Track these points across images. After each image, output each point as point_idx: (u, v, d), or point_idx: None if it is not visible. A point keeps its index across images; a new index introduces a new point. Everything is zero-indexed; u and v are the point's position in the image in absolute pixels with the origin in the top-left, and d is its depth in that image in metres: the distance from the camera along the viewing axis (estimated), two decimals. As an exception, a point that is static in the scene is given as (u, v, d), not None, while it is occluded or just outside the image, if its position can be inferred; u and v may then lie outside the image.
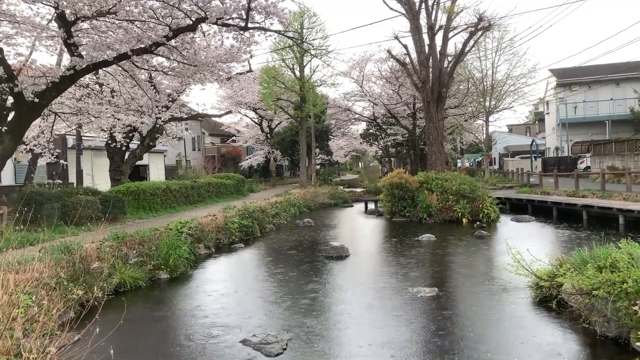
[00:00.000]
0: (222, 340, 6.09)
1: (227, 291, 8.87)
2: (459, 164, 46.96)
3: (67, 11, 9.06)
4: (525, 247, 7.85)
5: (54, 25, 9.88)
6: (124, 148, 17.84)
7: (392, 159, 48.89)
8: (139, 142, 19.60)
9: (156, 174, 29.38)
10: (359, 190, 31.36)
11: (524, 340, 5.83)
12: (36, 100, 9.83)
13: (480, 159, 44.30)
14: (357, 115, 39.17)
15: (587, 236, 12.72)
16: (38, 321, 5.42)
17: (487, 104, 29.37)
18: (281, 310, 7.32)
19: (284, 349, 5.63)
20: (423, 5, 21.29)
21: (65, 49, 10.47)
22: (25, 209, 10.24)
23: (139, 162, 21.95)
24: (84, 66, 9.90)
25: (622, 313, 5.23)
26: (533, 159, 36.10)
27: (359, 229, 17.63)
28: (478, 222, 16.14)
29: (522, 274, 7.23)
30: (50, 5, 9.07)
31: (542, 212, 18.37)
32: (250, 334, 6.13)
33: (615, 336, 5.51)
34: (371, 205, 22.99)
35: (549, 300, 6.78)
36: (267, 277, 9.84)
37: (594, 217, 15.95)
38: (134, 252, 9.42)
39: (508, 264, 7.52)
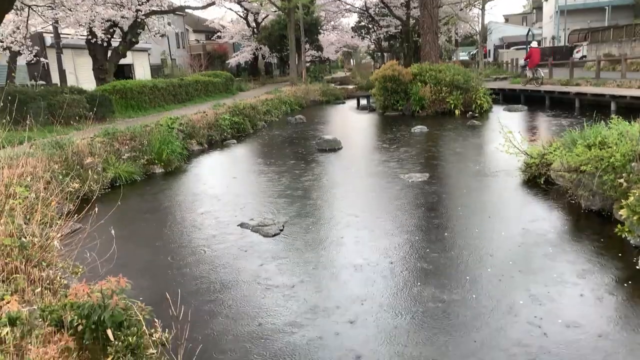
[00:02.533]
0: (220, 225, 6.28)
1: (222, 182, 9.01)
2: (453, 58, 45.79)
3: None
4: (517, 132, 7.89)
5: None
6: (105, 44, 17.08)
7: (385, 54, 47.48)
8: (120, 39, 18.76)
9: (141, 73, 28.51)
10: (351, 87, 30.74)
11: (512, 215, 6.07)
12: (5, -11, 9.21)
13: (475, 51, 43.12)
14: (348, 6, 37.32)
15: (578, 122, 12.79)
16: (37, 210, 5.52)
17: (484, -10, 27.96)
18: (277, 198, 7.48)
19: (281, 230, 5.83)
20: None
21: None
22: (11, 110, 9.99)
23: (123, 61, 21.21)
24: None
25: (608, 186, 5.38)
26: (528, 49, 35.16)
27: (352, 124, 17.59)
28: (470, 113, 16.09)
29: (513, 152, 7.34)
30: None
31: (534, 101, 18.28)
32: (247, 218, 6.31)
33: (599, 209, 5.72)
34: (363, 101, 22.71)
35: (538, 178, 6.95)
36: (261, 169, 9.95)
37: (586, 105, 15.90)
38: (126, 147, 9.40)
39: (499, 144, 7.60)
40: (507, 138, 7.24)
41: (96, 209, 4.38)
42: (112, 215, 5.23)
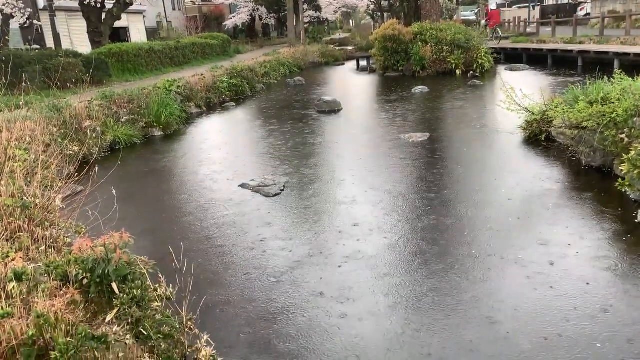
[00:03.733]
0: (221, 185, 6.30)
1: (221, 144, 8.97)
2: (455, 17, 44.81)
3: None
4: (518, 89, 7.79)
5: None
6: (99, 6, 16.68)
7: (385, 14, 46.44)
8: (115, 1, 18.31)
9: (137, 36, 27.93)
10: (350, 48, 30.20)
11: (512, 173, 6.07)
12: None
13: (477, 10, 42.15)
14: (347, -36, 36.24)
15: (581, 80, 12.62)
16: (37, 173, 5.51)
17: (487, -55, 27.07)
18: (277, 159, 7.47)
19: (282, 190, 5.85)
20: None
21: None
22: (6, 74, 9.85)
23: (118, 24, 20.73)
24: None
25: (609, 142, 5.35)
26: (531, 7, 34.36)
27: (351, 85, 17.39)
28: (472, 73, 15.88)
29: (514, 110, 7.28)
30: None
31: (537, 60, 17.99)
32: (248, 179, 6.32)
33: (600, 165, 5.72)
34: (363, 62, 22.38)
35: (539, 135, 6.92)
36: (260, 131, 9.89)
37: (589, 63, 15.62)
38: (124, 110, 9.32)
39: (500, 101, 7.53)
40: (508, 95, 7.16)
41: (96, 168, 4.38)
42: (112, 176, 5.23)
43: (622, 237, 4.10)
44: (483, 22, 25.47)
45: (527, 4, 35.08)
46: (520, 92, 7.45)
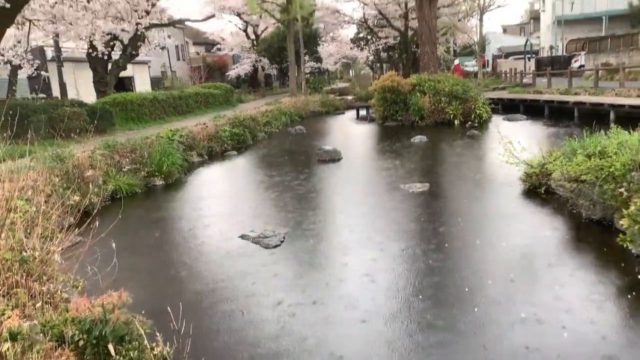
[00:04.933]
0: (221, 236, 6.27)
1: (222, 194, 9.01)
2: (451, 67, 45.99)
3: None
4: (516, 141, 7.90)
5: None
6: (105, 57, 17.18)
7: (384, 64, 47.72)
8: (121, 52, 18.86)
9: (142, 85, 28.60)
10: (350, 97, 30.84)
11: (513, 226, 6.05)
12: (7, 5, 9.26)
13: (473, 61, 43.33)
14: (346, 18, 37.54)
15: (578, 131, 12.82)
16: (37, 224, 5.51)
17: (481, 1, 28.19)
18: (277, 209, 7.48)
19: (282, 242, 5.82)
20: None
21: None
22: (12, 123, 10.03)
23: (123, 74, 21.27)
24: (53, -35, 9.25)
25: (608, 195, 5.38)
26: (527, 59, 35.36)
27: (352, 134, 17.63)
28: (470, 123, 16.13)
29: (513, 162, 7.35)
30: None
31: (534, 111, 18.31)
32: (248, 230, 6.30)
33: (600, 218, 5.72)
34: (363, 112, 22.78)
35: (538, 188, 6.95)
36: (261, 180, 9.95)
37: (585, 114, 15.92)
38: (127, 160, 9.41)
39: (499, 154, 7.61)
40: (507, 148, 7.25)
41: (97, 222, 4.36)
42: (112, 228, 5.22)
43: (626, 294, 4.05)
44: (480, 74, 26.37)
45: (523, 56, 36.12)
46: (518, 144, 7.55)
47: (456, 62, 25.03)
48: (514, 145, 7.37)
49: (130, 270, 5.14)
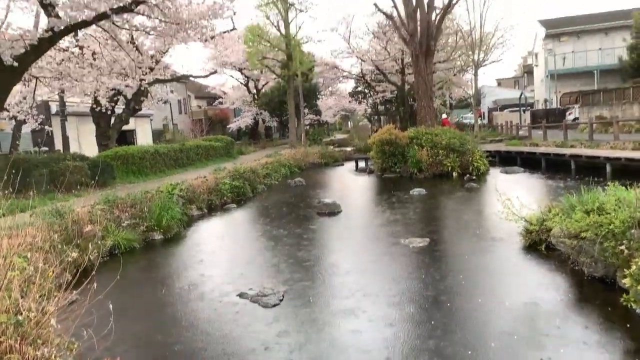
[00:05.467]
0: (219, 295, 6.18)
1: (221, 249, 8.95)
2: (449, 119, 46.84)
3: (41, -31, 8.70)
4: (515, 196, 7.94)
5: (28, -16, 9.50)
6: (109, 112, 17.53)
7: (382, 117, 48.64)
8: (124, 106, 19.27)
9: (143, 138, 29.04)
10: (349, 149, 31.28)
11: (514, 284, 5.99)
12: (15, 64, 9.55)
13: (469, 113, 44.19)
14: (345, 73, 38.62)
15: (575, 185, 12.91)
16: (34, 283, 5.45)
17: (476, 57, 29.09)
18: (276, 266, 7.42)
19: (281, 300, 5.74)
20: (409, -44, 20.68)
21: (42, 10, 10.12)
22: (13, 177, 10.12)
23: (125, 127, 21.65)
24: (62, 27, 9.59)
25: (609, 253, 5.36)
26: (522, 111, 36.11)
27: (351, 186, 17.72)
28: (468, 175, 16.26)
29: (512, 219, 7.36)
30: (22, -37, 8.69)
31: (531, 163, 18.52)
32: (246, 287, 6.23)
33: (602, 276, 5.67)
34: (362, 164, 23.01)
35: (538, 244, 6.93)
36: (260, 234, 9.92)
37: (582, 167, 16.10)
38: (126, 214, 9.41)
39: (498, 211, 7.63)
40: (506, 205, 7.28)
41: (95, 284, 4.32)
42: (109, 285, 5.16)
43: (634, 357, 3.96)
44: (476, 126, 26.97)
45: (518, 108, 36.91)
46: (517, 199, 7.59)
47: (444, 116, 25.85)
48: (513, 201, 7.40)
49: (126, 333, 5.04)
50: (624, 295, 4.82)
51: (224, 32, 16.97)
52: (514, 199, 7.63)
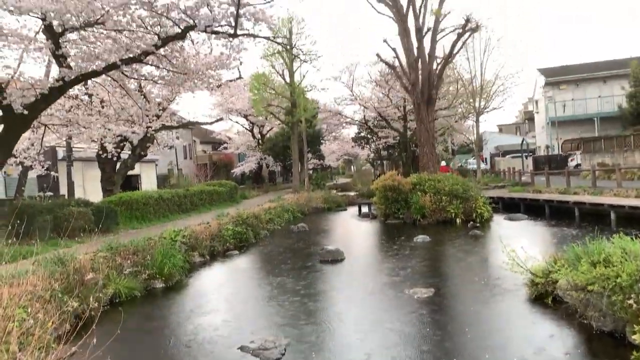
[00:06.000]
0: (220, 347, 6.07)
1: (222, 298, 8.84)
2: (451, 165, 47.13)
3: (55, 22, 9.02)
4: (520, 245, 7.88)
5: (41, 37, 9.81)
6: (115, 158, 17.74)
7: (384, 161, 49.01)
8: (130, 152, 19.51)
9: (148, 183, 29.22)
10: (352, 193, 31.35)
11: (522, 337, 5.86)
12: (25, 112, 9.76)
13: (472, 159, 44.51)
14: (348, 119, 39.24)
15: (580, 233, 12.81)
16: (34, 334, 5.37)
17: (477, 104, 29.58)
18: (278, 316, 7.30)
19: (282, 354, 5.62)
20: (411, 9, 21.43)
21: (54, 61, 10.42)
22: (17, 222, 10.16)
23: (130, 172, 21.82)
24: (72, 77, 9.84)
25: (618, 307, 5.27)
26: (524, 157, 36.34)
27: (354, 232, 17.65)
28: (472, 222, 16.19)
29: (517, 271, 7.27)
30: (37, 17, 9.02)
31: (534, 210, 18.48)
32: (248, 340, 6.11)
33: (612, 330, 5.55)
34: (365, 209, 23.01)
35: (545, 297, 6.82)
36: (262, 283, 9.81)
37: (586, 214, 16.05)
38: (128, 262, 9.36)
39: (503, 262, 7.56)
40: (511, 257, 7.22)
41: (95, 338, 4.26)
42: (110, 335, 5.08)
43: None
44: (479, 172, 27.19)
45: (520, 154, 37.16)
46: (521, 249, 7.52)
47: (443, 163, 26.23)
48: (517, 251, 7.33)
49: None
50: (634, 352, 4.70)
51: (231, 81, 17.38)
52: (518, 249, 7.57)
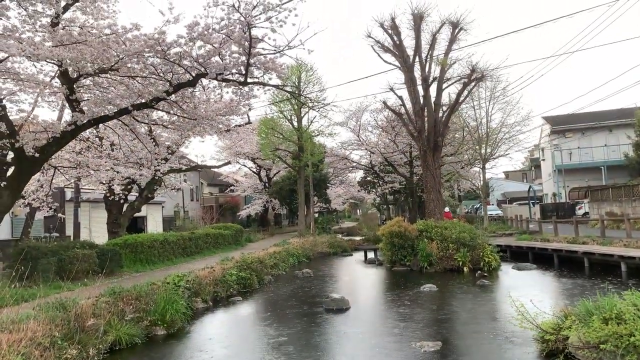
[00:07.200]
0: (220, 402, 5.88)
1: (224, 349, 8.64)
2: (457, 211, 46.90)
3: (70, 69, 9.29)
4: (529, 298, 7.73)
5: (56, 82, 10.09)
6: (122, 200, 17.81)
7: (390, 206, 48.89)
8: (137, 194, 19.61)
9: (154, 225, 29.20)
10: (358, 238, 31.14)
11: (533, 398, 5.65)
12: (37, 155, 9.92)
13: (478, 205, 44.31)
14: (354, 164, 39.46)
15: (590, 284, 12.55)
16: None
17: (483, 151, 29.67)
18: (281, 368, 7.10)
19: (285, 411, 5.43)
20: (417, 59, 21.92)
21: (67, 105, 10.67)
22: (22, 265, 10.13)
23: (136, 214, 21.88)
24: (85, 121, 10.05)
25: (632, 367, 5.10)
26: (531, 205, 36.15)
27: (359, 280, 17.39)
28: (480, 272, 15.90)
29: (527, 327, 7.09)
30: (53, 63, 9.31)
31: (543, 259, 18.20)
32: (249, 394, 5.93)
33: (628, 393, 5.34)
34: (371, 254, 22.77)
35: (556, 354, 6.61)
36: (265, 333, 9.60)
37: (595, 264, 15.79)
38: (131, 307, 9.24)
39: (512, 317, 7.38)
40: (520, 312, 7.05)
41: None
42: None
43: None
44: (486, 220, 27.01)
45: (527, 202, 36.98)
46: (531, 302, 7.36)
47: (446, 209, 26.28)
48: (527, 304, 7.18)
49: None
50: (651, 417, 4.51)
51: (239, 126, 17.64)
52: (527, 302, 7.41)
